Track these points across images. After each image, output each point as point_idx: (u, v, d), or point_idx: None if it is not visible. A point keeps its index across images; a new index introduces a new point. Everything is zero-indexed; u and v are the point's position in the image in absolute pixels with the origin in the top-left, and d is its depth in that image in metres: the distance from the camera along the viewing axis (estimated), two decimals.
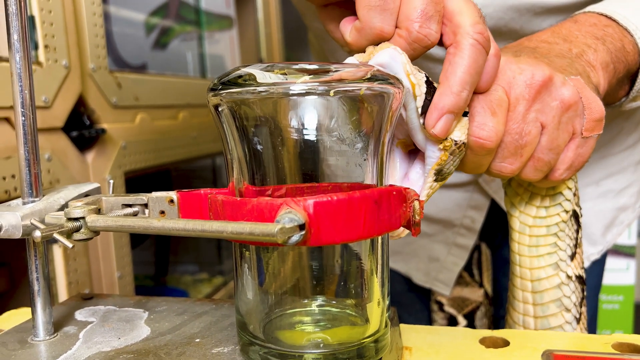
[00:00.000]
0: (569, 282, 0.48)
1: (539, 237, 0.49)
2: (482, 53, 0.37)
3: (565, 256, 0.48)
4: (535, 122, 0.42)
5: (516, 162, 0.42)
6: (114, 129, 0.91)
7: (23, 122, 0.35)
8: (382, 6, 0.36)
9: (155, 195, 0.37)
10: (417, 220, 0.32)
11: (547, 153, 0.43)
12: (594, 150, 0.71)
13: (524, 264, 0.49)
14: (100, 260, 0.88)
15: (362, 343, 0.33)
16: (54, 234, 0.31)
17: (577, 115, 0.43)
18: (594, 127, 0.44)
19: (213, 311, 0.42)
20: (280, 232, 0.26)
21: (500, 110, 0.40)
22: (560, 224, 0.48)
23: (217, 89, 0.31)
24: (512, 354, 0.40)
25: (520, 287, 0.50)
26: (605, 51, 0.48)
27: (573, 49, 0.48)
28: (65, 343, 0.37)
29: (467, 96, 0.37)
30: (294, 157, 0.32)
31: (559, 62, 0.45)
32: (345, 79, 0.30)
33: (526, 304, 0.49)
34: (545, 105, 0.42)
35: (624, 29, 0.50)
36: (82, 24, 0.85)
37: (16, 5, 0.33)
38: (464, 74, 0.37)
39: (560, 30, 0.50)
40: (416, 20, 0.36)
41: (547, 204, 0.48)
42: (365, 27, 0.37)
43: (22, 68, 0.34)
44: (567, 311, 0.48)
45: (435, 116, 0.36)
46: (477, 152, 0.41)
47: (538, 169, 0.44)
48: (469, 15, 0.37)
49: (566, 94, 0.42)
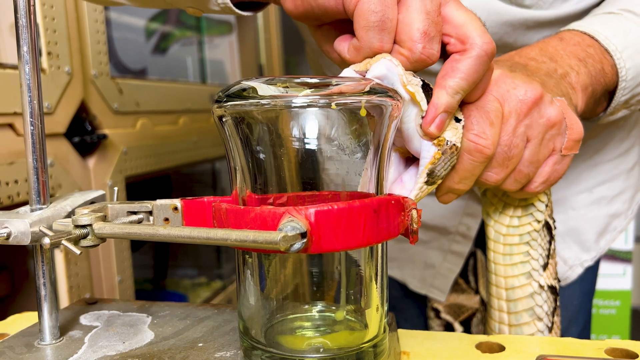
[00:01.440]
0: (541, 292, 0.50)
1: (512, 245, 0.50)
2: (485, 65, 0.39)
3: (538, 266, 0.50)
4: (522, 136, 0.44)
5: (502, 172, 0.44)
6: (115, 134, 0.92)
7: (32, 131, 0.36)
8: (381, 26, 0.37)
9: (160, 202, 0.38)
10: (414, 229, 0.33)
11: (527, 166, 0.45)
12: (587, 157, 0.73)
13: (499, 272, 0.51)
14: (101, 264, 0.89)
15: (361, 348, 0.34)
16: (62, 240, 0.32)
17: (560, 134, 0.46)
18: (572, 147, 0.46)
19: (215, 316, 0.43)
20: (282, 240, 0.27)
21: (497, 121, 0.42)
22: (532, 233, 0.50)
23: (222, 101, 0.32)
24: (507, 359, 0.41)
25: (495, 295, 0.51)
26: (586, 74, 0.51)
27: (558, 69, 0.50)
28: (72, 347, 0.37)
29: (459, 99, 0.39)
30: (295, 166, 0.33)
31: (547, 81, 0.47)
32: (345, 92, 0.31)
33: (501, 312, 0.51)
34: (534, 121, 0.44)
35: (605, 49, 0.52)
36: (85, 31, 0.86)
37: (26, 18, 0.34)
38: (462, 80, 0.38)
39: (547, 48, 0.51)
40: (419, 41, 0.37)
41: (519, 213, 0.50)
42: (365, 46, 0.38)
43: (32, 78, 0.35)
44: (539, 320, 0.50)
45: (431, 114, 0.38)
46: (475, 159, 0.42)
47: (517, 180, 0.46)
48: (476, 26, 0.39)
49: (553, 113, 0.45)
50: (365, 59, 0.39)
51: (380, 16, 0.37)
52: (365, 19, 0.37)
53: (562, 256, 0.74)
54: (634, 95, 0.56)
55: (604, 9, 0.58)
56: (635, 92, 0.55)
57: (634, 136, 0.75)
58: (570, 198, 0.74)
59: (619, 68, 0.53)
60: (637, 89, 0.55)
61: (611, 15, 0.56)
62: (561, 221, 0.74)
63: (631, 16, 0.55)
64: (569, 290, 0.76)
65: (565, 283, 0.75)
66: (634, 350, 0.41)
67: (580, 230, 0.74)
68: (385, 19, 0.37)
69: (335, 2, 0.39)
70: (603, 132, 0.72)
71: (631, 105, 0.57)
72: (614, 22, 0.55)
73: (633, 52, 0.53)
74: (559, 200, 0.73)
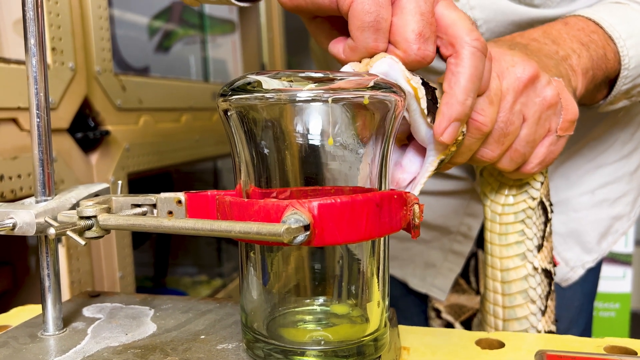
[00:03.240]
0: (535, 274, 0.51)
1: (507, 224, 0.51)
2: (481, 59, 0.39)
3: (532, 246, 0.51)
4: (519, 114, 0.45)
5: (497, 149, 0.45)
6: (118, 131, 0.92)
7: (38, 124, 0.36)
8: (375, 26, 0.38)
9: (164, 196, 0.38)
10: (416, 224, 0.33)
11: (524, 145, 0.46)
12: (590, 159, 0.73)
13: (494, 253, 0.52)
14: (103, 260, 0.89)
15: (361, 341, 0.34)
16: (67, 231, 0.32)
17: (555, 114, 0.46)
18: (567, 127, 0.47)
19: (217, 309, 0.43)
20: (286, 232, 0.27)
21: (497, 99, 0.43)
22: (527, 211, 0.51)
23: (227, 95, 0.32)
24: (507, 355, 0.41)
25: (491, 276, 0.52)
26: (588, 58, 0.51)
27: (560, 52, 0.50)
28: (75, 338, 0.38)
29: (471, 103, 0.39)
30: (298, 161, 0.33)
31: (546, 62, 0.48)
32: (349, 88, 0.31)
33: (496, 294, 0.52)
34: (530, 100, 0.45)
35: (609, 36, 0.52)
36: (89, 27, 0.86)
37: (34, 11, 0.35)
38: (467, 82, 0.38)
39: (550, 31, 0.52)
40: (414, 42, 0.38)
41: (514, 192, 0.51)
42: (360, 46, 0.39)
43: (38, 71, 0.36)
44: (532, 303, 0.51)
45: (443, 125, 0.38)
46: (473, 135, 0.43)
47: (513, 160, 0.46)
48: (464, 25, 0.39)
49: (549, 93, 0.45)
50: (364, 60, 0.39)
51: (374, 16, 0.37)
52: (359, 19, 0.38)
53: (564, 257, 0.74)
54: (635, 86, 0.56)
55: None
56: (637, 82, 0.55)
57: (637, 138, 0.75)
58: (572, 200, 0.74)
59: (622, 56, 0.53)
60: (638, 79, 0.55)
61: (618, 5, 0.56)
62: (563, 222, 0.74)
63: (637, 6, 0.55)
64: (570, 292, 0.76)
65: (567, 284, 0.75)
66: (633, 348, 0.42)
67: (582, 231, 0.75)
68: (379, 18, 0.37)
69: (329, 1, 0.40)
70: (606, 134, 0.73)
71: (632, 95, 0.57)
72: (620, 11, 0.55)
73: (637, 41, 0.53)
74: (561, 202, 0.74)
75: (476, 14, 0.60)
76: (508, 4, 0.60)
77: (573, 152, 0.73)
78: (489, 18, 0.60)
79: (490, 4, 0.59)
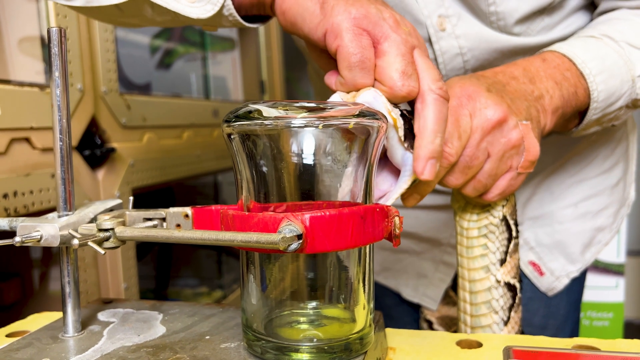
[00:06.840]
0: (498, 287, 0.55)
1: (472, 238, 0.56)
2: (444, 104, 0.44)
3: (495, 259, 0.55)
4: (484, 150, 0.50)
5: (461, 178, 0.51)
6: (123, 147, 0.96)
7: (60, 147, 0.40)
8: (361, 65, 0.43)
9: (173, 210, 0.42)
10: (397, 233, 0.38)
11: (486, 178, 0.51)
12: (573, 174, 0.77)
13: (463, 264, 0.57)
14: (109, 271, 0.93)
15: (348, 339, 0.38)
16: (88, 242, 0.37)
17: (518, 154, 0.52)
18: (528, 166, 0.52)
19: (220, 314, 0.47)
20: (281, 241, 0.32)
21: (465, 135, 0.49)
22: (489, 226, 0.55)
23: (231, 121, 0.36)
24: (484, 354, 0.45)
25: (461, 287, 0.57)
26: (559, 97, 0.56)
27: (535, 91, 0.55)
28: (92, 339, 0.42)
29: (441, 141, 0.44)
30: (293, 178, 0.37)
31: (519, 105, 0.53)
32: (338, 115, 0.36)
33: (465, 303, 0.57)
34: (496, 139, 0.51)
35: (580, 73, 0.58)
36: (96, 50, 0.91)
37: (58, 47, 0.39)
38: (434, 124, 0.43)
39: (530, 68, 0.56)
40: (399, 80, 0.43)
41: (477, 210, 0.56)
42: (349, 82, 0.44)
43: (61, 100, 0.40)
44: (495, 313, 0.55)
45: (421, 165, 0.43)
46: (440, 164, 0.48)
47: (476, 189, 0.52)
48: (430, 74, 0.44)
49: (514, 135, 0.51)
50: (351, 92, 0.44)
51: (359, 57, 0.43)
52: (346, 60, 0.43)
53: (549, 267, 0.78)
54: (606, 115, 0.60)
55: (587, 32, 0.62)
56: (606, 111, 0.60)
57: (617, 154, 0.79)
58: (556, 212, 0.78)
59: (591, 90, 0.58)
60: (607, 109, 0.60)
61: (592, 39, 0.60)
62: (548, 234, 0.78)
63: (610, 42, 0.60)
64: (556, 300, 0.79)
65: (553, 293, 0.79)
66: (597, 347, 0.46)
67: (566, 243, 0.78)
68: (364, 59, 0.43)
69: (318, 39, 0.45)
70: (588, 150, 0.77)
71: (603, 122, 0.62)
72: (594, 46, 0.59)
73: (607, 76, 0.58)
74: (546, 215, 0.77)
75: (462, 43, 0.64)
76: (491, 33, 0.64)
77: (557, 168, 0.77)
78: (474, 46, 0.64)
79: (475, 33, 0.64)
